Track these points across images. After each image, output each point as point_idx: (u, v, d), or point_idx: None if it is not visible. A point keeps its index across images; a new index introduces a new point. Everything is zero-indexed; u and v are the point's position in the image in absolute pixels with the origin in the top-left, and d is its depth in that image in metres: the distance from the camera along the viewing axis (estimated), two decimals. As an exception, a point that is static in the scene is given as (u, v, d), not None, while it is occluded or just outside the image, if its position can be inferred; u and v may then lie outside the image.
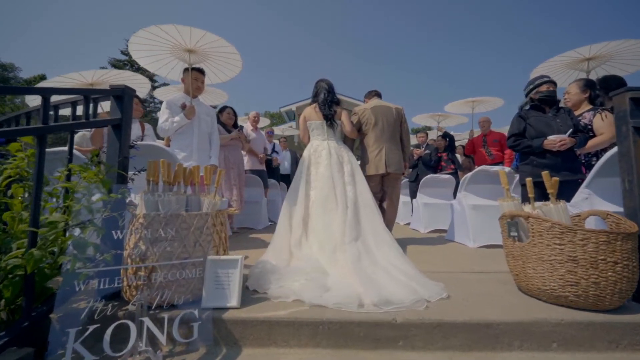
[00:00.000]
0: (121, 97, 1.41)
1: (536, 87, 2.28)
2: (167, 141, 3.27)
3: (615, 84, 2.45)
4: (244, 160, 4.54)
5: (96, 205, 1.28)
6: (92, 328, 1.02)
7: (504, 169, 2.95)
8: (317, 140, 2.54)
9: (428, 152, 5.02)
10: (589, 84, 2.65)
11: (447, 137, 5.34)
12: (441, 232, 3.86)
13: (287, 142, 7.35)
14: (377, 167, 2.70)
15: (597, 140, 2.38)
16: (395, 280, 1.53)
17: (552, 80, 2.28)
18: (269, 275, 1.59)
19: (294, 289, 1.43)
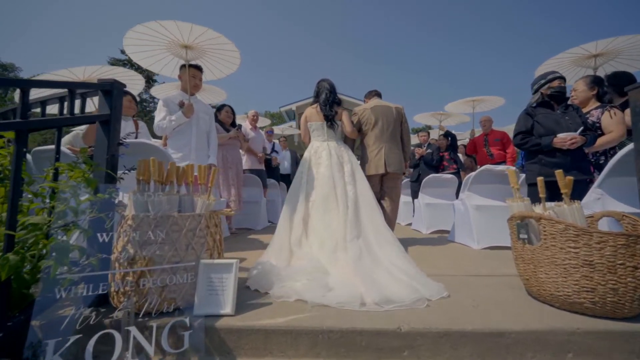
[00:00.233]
0: (110, 91, 1.34)
1: (548, 82, 2.19)
2: (165, 140, 3.20)
3: (626, 80, 2.38)
4: (243, 160, 4.47)
5: (84, 205, 1.21)
6: (73, 339, 0.95)
7: (510, 169, 2.88)
8: (317, 141, 2.55)
9: (430, 151, 4.94)
10: (597, 81, 2.57)
11: (449, 136, 5.26)
12: (443, 232, 3.79)
13: (287, 141, 7.27)
14: (376, 167, 2.69)
15: (606, 138, 2.31)
16: (397, 280, 1.54)
17: (563, 76, 2.20)
18: (271, 275, 1.59)
19: (297, 288, 1.43)
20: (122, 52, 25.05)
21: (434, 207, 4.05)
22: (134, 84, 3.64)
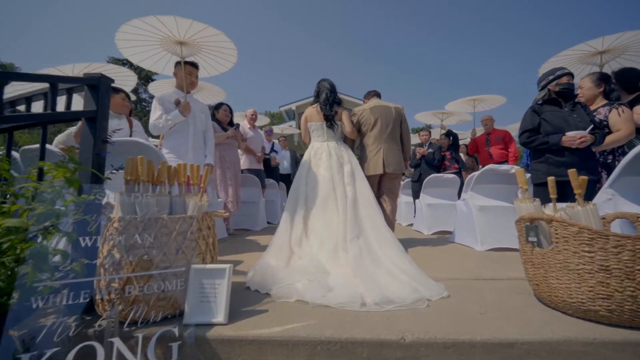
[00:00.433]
0: (96, 86, 1.27)
1: (557, 78, 2.12)
2: (161, 140, 3.13)
3: (634, 77, 2.31)
4: (242, 160, 4.40)
5: (71, 207, 1.13)
6: (50, 352, 0.87)
7: (514, 167, 2.81)
8: (317, 142, 2.56)
9: (431, 151, 4.86)
10: (603, 78, 2.50)
11: (450, 135, 5.19)
12: (445, 233, 3.72)
13: (287, 141, 7.19)
14: (375, 167, 2.69)
15: (614, 137, 2.23)
16: (397, 280, 1.55)
17: (571, 73, 2.13)
18: (271, 275, 1.60)
19: (297, 289, 1.43)
20: (122, 51, 25.01)
21: (435, 207, 3.98)
22: (126, 80, 3.54)
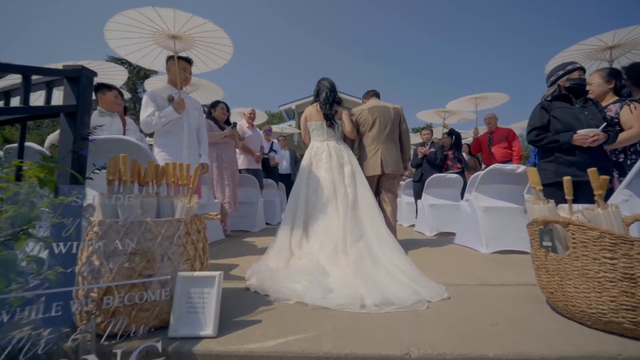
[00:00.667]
0: (77, 79, 1.17)
1: (567, 73, 2.01)
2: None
3: (647, 72, 2.21)
4: (240, 159, 4.31)
5: (47, 209, 1.04)
6: (14, 373, 0.78)
7: (521, 167, 2.71)
8: (317, 141, 2.54)
9: (433, 150, 4.76)
10: (614, 73, 2.41)
11: (453, 134, 5.09)
12: (448, 235, 3.62)
13: (287, 140, 7.10)
14: (373, 168, 2.68)
15: (626, 134, 2.14)
16: (397, 281, 1.54)
17: (583, 67, 2.03)
18: (270, 276, 1.60)
19: (297, 290, 1.42)
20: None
21: (438, 208, 3.89)
22: (116, 75, 3.41)
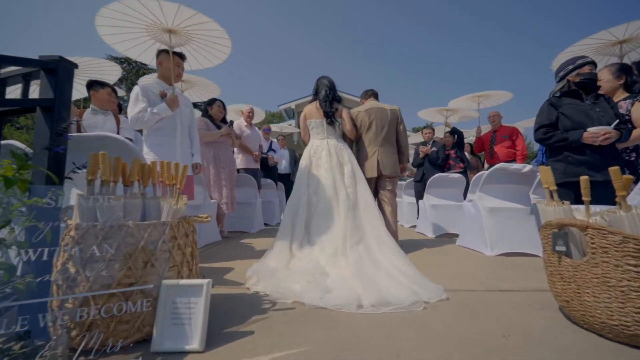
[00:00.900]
0: (54, 70, 1.09)
1: (577, 67, 1.91)
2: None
3: (660, 67, 2.12)
4: (238, 159, 4.22)
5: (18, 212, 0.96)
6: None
7: (527, 166, 2.62)
8: (316, 139, 2.51)
9: (435, 149, 4.67)
10: (624, 69, 2.31)
11: (455, 133, 4.99)
12: (451, 236, 3.53)
13: (286, 140, 7.01)
14: (371, 170, 2.66)
15: (638, 132, 2.05)
16: (396, 282, 1.54)
17: (594, 62, 1.93)
18: (270, 276, 1.62)
19: (295, 290, 1.43)
20: (121, 51, 24.79)
21: (440, 208, 3.80)
22: (109, 72, 3.30)
